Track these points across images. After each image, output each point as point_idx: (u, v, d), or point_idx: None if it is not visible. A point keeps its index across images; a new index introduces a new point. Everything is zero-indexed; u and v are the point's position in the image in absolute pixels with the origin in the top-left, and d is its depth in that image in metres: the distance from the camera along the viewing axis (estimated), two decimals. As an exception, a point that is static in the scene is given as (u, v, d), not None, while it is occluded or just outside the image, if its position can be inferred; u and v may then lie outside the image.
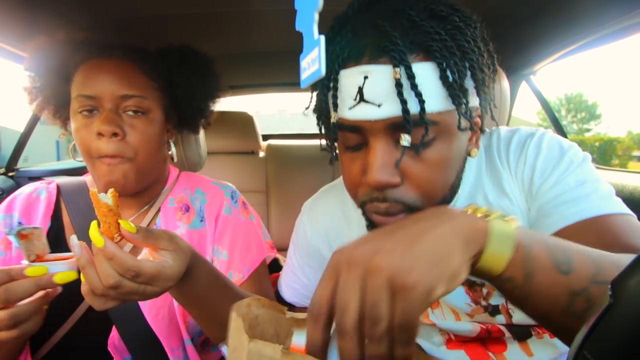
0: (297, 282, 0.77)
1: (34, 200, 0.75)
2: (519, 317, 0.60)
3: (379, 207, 0.50)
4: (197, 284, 0.54)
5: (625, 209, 0.51)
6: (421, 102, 0.44)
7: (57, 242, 0.72)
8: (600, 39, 1.05)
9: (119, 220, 0.47)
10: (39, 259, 0.56)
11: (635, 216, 0.51)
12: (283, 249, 1.65)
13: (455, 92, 0.45)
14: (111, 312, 0.66)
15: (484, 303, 0.61)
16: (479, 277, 0.38)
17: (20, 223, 0.72)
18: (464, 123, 0.48)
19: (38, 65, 0.72)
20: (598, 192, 0.52)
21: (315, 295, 0.35)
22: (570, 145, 0.57)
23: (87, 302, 0.47)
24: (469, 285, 0.62)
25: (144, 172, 0.70)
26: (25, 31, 0.98)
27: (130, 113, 0.68)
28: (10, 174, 1.41)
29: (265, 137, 2.12)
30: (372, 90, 0.45)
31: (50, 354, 0.66)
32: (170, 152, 0.80)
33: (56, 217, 0.74)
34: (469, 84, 0.48)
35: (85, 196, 0.77)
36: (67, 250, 0.71)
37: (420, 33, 0.45)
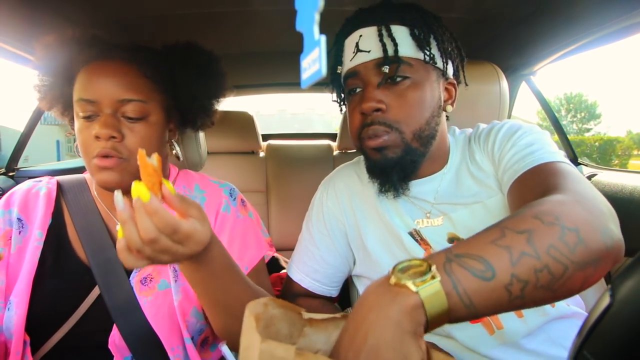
0: (306, 255, 0.85)
1: (34, 196, 0.74)
2: None
3: (368, 131, 0.69)
4: (214, 262, 0.55)
5: (565, 160, 0.62)
6: (395, 45, 0.67)
7: (58, 239, 0.72)
8: (600, 39, 1.05)
9: (162, 181, 0.48)
10: None
11: (573, 166, 0.61)
12: (283, 249, 1.65)
13: (421, 42, 0.68)
14: (112, 311, 0.66)
15: None
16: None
17: (19, 219, 0.72)
18: (432, 67, 0.70)
19: (46, 65, 0.72)
20: (543, 149, 0.65)
21: None
22: (530, 125, 0.73)
23: (121, 259, 0.48)
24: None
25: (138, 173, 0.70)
26: (26, 31, 0.99)
27: (129, 118, 0.68)
28: (11, 174, 1.41)
29: (265, 137, 2.12)
30: (364, 43, 0.70)
31: (50, 353, 0.66)
32: (174, 152, 0.79)
33: (57, 214, 0.74)
34: (432, 42, 0.70)
35: (86, 193, 0.76)
36: (68, 247, 0.72)
37: (397, 11, 0.70)
